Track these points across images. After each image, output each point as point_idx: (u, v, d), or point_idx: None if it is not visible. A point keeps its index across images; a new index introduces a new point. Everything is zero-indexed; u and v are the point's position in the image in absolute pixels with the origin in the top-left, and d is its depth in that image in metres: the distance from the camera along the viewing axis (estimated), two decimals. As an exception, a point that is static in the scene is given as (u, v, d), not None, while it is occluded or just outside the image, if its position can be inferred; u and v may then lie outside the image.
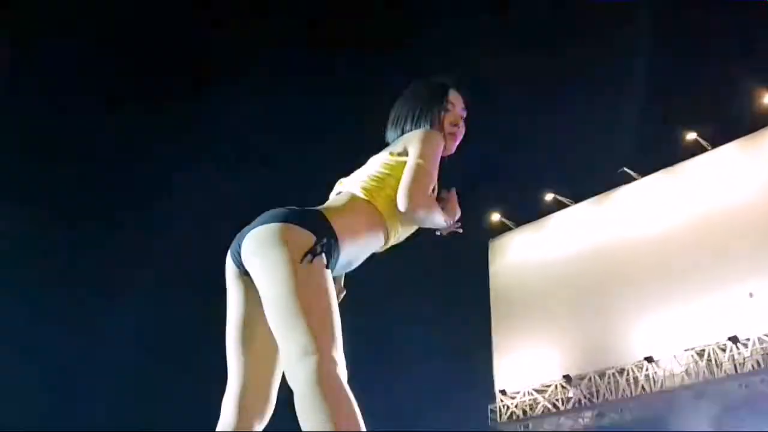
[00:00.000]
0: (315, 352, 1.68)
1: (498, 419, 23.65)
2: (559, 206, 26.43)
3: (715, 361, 19.64)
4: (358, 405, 1.76)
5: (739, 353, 19.23)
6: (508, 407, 23.69)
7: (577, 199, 25.96)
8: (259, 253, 1.84)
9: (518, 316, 24.92)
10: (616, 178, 24.78)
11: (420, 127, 2.23)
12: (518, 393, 23.64)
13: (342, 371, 1.71)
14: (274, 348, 1.90)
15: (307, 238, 1.83)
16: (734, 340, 19.21)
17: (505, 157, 26.58)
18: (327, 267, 1.85)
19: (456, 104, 2.32)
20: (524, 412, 23.25)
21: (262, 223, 1.89)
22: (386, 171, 2.10)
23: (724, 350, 19.57)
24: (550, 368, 23.10)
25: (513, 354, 24.48)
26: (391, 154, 2.15)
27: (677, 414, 19.99)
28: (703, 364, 19.81)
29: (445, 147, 2.24)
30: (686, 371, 20.06)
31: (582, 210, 25.71)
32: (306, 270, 1.79)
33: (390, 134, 2.31)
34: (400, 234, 2.15)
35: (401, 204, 1.99)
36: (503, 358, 24.83)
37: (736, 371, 19.17)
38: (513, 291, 25.77)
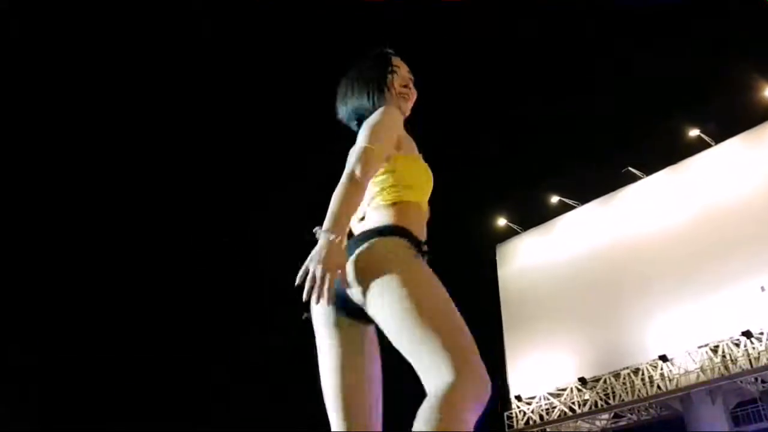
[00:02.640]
0: (452, 373, 1.63)
1: (515, 425, 23.53)
2: (565, 208, 26.41)
3: (730, 356, 19.52)
4: None
5: (753, 348, 19.11)
6: (524, 413, 23.57)
7: (583, 200, 25.94)
8: (366, 278, 1.80)
9: (529, 320, 24.84)
10: (620, 178, 24.78)
11: (373, 96, 2.21)
12: (534, 398, 23.53)
13: (481, 391, 1.65)
14: (377, 395, 1.92)
15: (399, 243, 1.85)
16: (748, 334, 19.10)
17: (509, 162, 26.62)
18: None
19: (401, 66, 2.33)
20: (541, 417, 23.13)
21: (355, 249, 1.85)
22: (386, 169, 2.06)
23: (738, 345, 19.46)
24: (565, 371, 23.00)
25: (526, 359, 24.40)
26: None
27: (694, 412, 19.87)
28: (717, 360, 19.70)
29: (400, 108, 2.25)
30: (701, 368, 19.94)
31: (588, 211, 25.67)
32: (415, 275, 1.78)
33: (343, 110, 2.28)
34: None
35: (347, 176, 1.92)
36: (516, 364, 24.74)
37: (751, 366, 19.04)
38: (523, 295, 25.71)
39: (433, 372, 1.64)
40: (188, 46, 24.66)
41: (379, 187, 2.06)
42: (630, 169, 24.35)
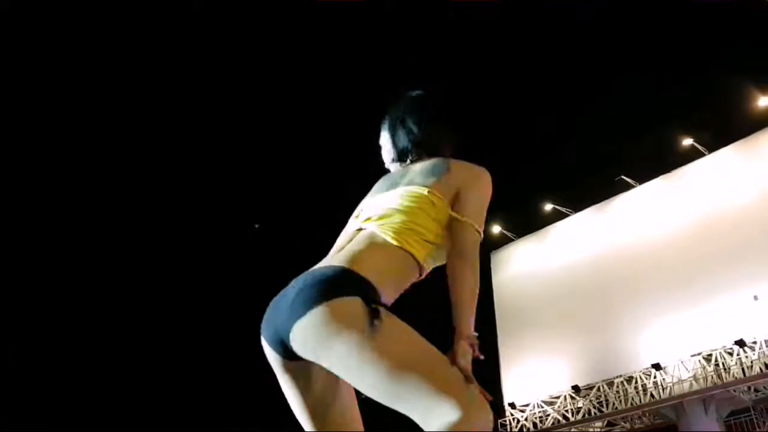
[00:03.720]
0: (456, 409, 1.54)
1: (508, 433, 23.53)
2: (558, 216, 26.48)
3: (723, 365, 19.56)
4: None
5: (746, 357, 19.16)
6: (518, 420, 23.55)
7: (577, 208, 26.01)
8: (323, 347, 1.64)
9: (523, 328, 24.86)
10: (614, 187, 24.86)
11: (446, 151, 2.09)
12: (527, 406, 23.52)
13: (489, 419, 1.60)
14: (354, 418, 1.87)
15: (357, 305, 1.65)
16: (741, 343, 19.14)
17: (503, 170, 26.63)
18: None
19: None
20: (534, 424, 23.12)
21: (302, 310, 1.67)
22: (419, 205, 1.90)
23: (731, 354, 19.50)
24: (559, 379, 23.01)
25: (520, 366, 24.40)
26: (429, 188, 1.92)
27: (687, 420, 19.88)
28: (710, 369, 19.74)
29: None
30: (694, 377, 19.98)
31: (582, 219, 25.74)
32: (379, 334, 1.62)
33: (405, 134, 2.12)
34: (428, 270, 1.97)
35: (469, 239, 1.87)
36: (510, 371, 24.73)
37: (744, 375, 19.08)
38: (517, 303, 25.73)
39: (433, 415, 1.55)
40: (185, 49, 24.66)
41: (399, 219, 1.88)
42: (623, 177, 24.44)
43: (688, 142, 23.41)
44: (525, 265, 26.42)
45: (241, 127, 26.99)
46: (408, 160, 2.11)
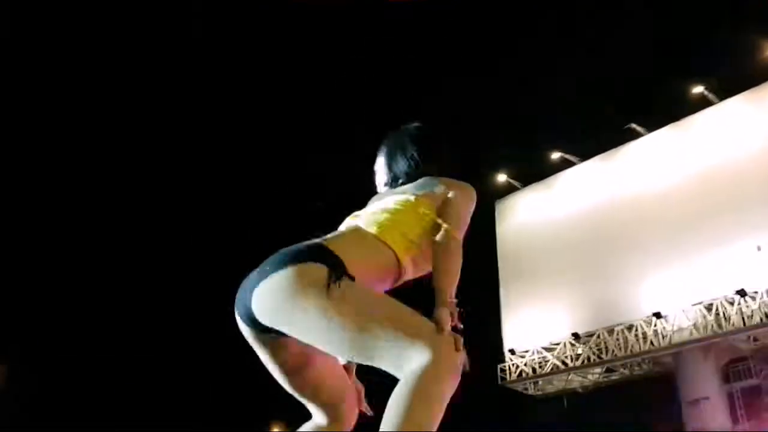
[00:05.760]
0: (426, 352, 1.58)
1: (508, 378, 23.91)
2: (565, 165, 26.34)
3: (723, 314, 19.72)
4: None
5: (747, 306, 19.29)
6: (517, 366, 23.92)
7: (584, 157, 25.83)
8: (284, 309, 1.69)
9: (526, 276, 25.01)
10: (622, 135, 24.64)
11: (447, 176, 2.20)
12: (527, 352, 23.85)
13: (457, 360, 1.63)
14: (335, 374, 1.94)
15: (322, 270, 1.69)
16: (742, 293, 19.26)
17: (509, 118, 26.42)
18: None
19: None
20: (533, 370, 23.49)
21: (267, 274, 1.73)
22: (406, 209, 2.02)
23: (732, 304, 19.63)
24: (559, 326, 23.25)
25: (521, 313, 24.64)
26: (417, 196, 2.06)
27: (686, 368, 20.17)
28: (711, 318, 19.90)
29: None
30: (694, 326, 20.16)
31: (589, 168, 25.61)
32: (340, 294, 1.65)
33: (402, 163, 2.27)
34: (410, 275, 2.02)
35: (442, 230, 1.93)
36: (511, 318, 25.00)
37: (744, 324, 19.25)
38: (521, 251, 25.83)
39: (403, 361, 1.58)
40: (185, 49, 24.18)
41: (385, 216, 1.98)
42: (632, 125, 24.21)
43: (698, 90, 23.11)
44: (530, 213, 26.40)
45: (240, 128, 26.67)
46: (398, 184, 2.26)
